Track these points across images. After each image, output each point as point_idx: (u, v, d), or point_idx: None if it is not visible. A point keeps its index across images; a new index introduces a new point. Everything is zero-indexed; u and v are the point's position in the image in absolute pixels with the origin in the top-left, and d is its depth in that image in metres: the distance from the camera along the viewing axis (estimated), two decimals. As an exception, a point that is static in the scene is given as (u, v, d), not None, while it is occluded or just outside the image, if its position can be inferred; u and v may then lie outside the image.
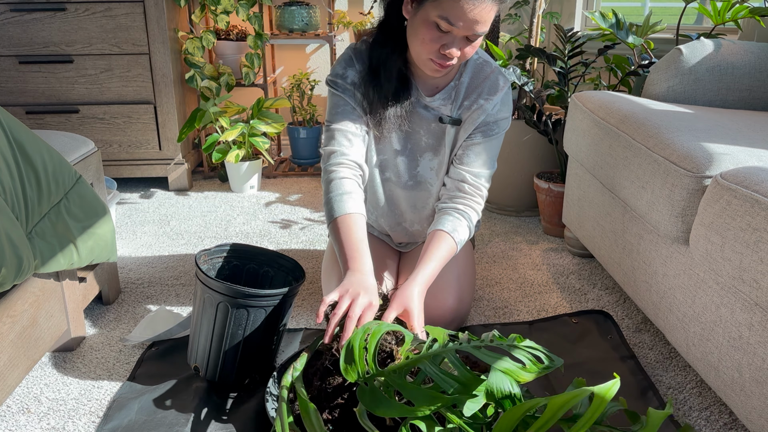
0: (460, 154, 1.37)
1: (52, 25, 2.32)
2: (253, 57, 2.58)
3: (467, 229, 1.32)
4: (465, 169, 1.36)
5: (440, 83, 1.35)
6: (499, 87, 1.34)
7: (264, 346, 1.24)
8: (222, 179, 2.71)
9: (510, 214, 2.30)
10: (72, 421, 1.19)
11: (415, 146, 1.40)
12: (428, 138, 1.38)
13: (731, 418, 1.19)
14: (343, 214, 1.24)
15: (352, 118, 1.33)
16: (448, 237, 1.28)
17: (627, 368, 1.33)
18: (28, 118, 2.41)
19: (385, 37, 1.29)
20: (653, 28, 2.05)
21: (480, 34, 1.17)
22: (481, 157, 1.36)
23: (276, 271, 1.37)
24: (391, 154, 1.41)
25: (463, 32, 1.16)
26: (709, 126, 1.39)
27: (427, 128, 1.37)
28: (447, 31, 1.16)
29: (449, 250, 1.28)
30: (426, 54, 1.20)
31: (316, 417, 0.93)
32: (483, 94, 1.33)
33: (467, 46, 1.19)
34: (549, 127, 2.03)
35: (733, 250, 1.02)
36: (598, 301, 1.65)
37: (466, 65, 1.35)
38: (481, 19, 1.14)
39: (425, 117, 1.36)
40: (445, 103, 1.35)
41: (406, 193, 1.45)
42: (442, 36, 1.17)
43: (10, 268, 1.03)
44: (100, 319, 1.56)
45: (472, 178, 1.35)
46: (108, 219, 1.40)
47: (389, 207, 1.49)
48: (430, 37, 1.17)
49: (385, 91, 1.30)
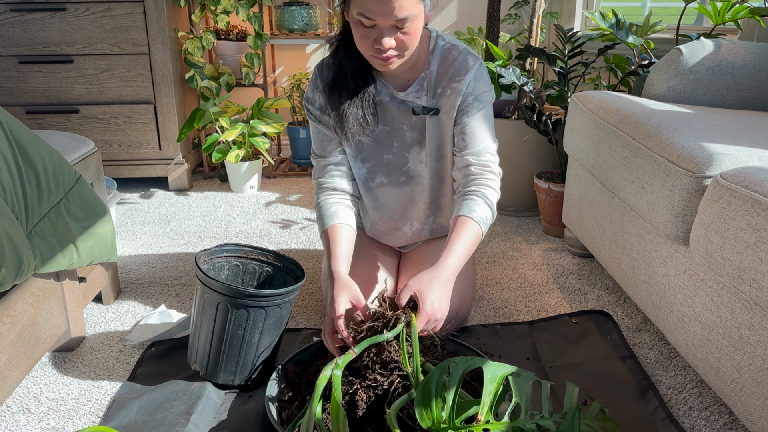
0: (457, 141, 1.37)
1: (52, 25, 2.32)
2: (253, 57, 2.58)
3: (485, 206, 1.29)
4: (465, 153, 1.35)
5: (410, 76, 1.35)
6: (468, 66, 1.32)
7: (264, 346, 1.24)
8: (222, 179, 2.71)
9: (510, 214, 2.30)
10: (72, 421, 1.19)
11: (401, 143, 1.41)
12: (412, 132, 1.39)
13: (731, 418, 1.19)
14: (326, 227, 1.33)
15: (330, 146, 1.40)
16: (465, 218, 1.26)
17: (627, 368, 1.33)
18: (28, 118, 2.41)
19: (346, 45, 1.30)
20: (653, 28, 2.05)
21: (404, 19, 1.15)
22: (476, 136, 1.34)
23: (276, 271, 1.37)
24: (378, 157, 1.42)
25: (385, 22, 1.15)
26: (709, 126, 1.39)
27: (409, 123, 1.38)
28: (371, 25, 1.17)
29: (470, 230, 1.25)
30: (366, 51, 1.22)
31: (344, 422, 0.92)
32: (454, 77, 1.32)
33: (398, 33, 1.18)
34: (549, 127, 2.03)
35: (733, 250, 1.02)
36: (598, 301, 1.65)
37: (433, 53, 1.34)
38: (395, 6, 1.13)
39: (404, 112, 1.37)
40: (420, 95, 1.35)
41: (400, 190, 1.46)
42: (370, 31, 1.18)
43: (10, 268, 1.03)
44: (100, 319, 1.56)
45: (475, 158, 1.34)
46: (108, 219, 1.40)
47: (383, 214, 1.50)
48: (360, 34, 1.19)
49: (346, 91, 1.31)
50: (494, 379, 0.95)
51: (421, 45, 1.32)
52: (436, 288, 1.15)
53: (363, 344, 1.04)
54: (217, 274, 1.33)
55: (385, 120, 1.39)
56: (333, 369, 0.99)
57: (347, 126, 1.34)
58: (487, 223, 1.29)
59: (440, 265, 1.20)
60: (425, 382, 0.92)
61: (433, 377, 0.93)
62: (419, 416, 0.90)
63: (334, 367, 1.00)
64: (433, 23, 2.98)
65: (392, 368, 1.04)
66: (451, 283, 1.19)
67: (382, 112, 1.38)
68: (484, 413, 0.93)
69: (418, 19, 1.17)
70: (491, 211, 1.30)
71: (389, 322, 1.09)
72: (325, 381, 0.99)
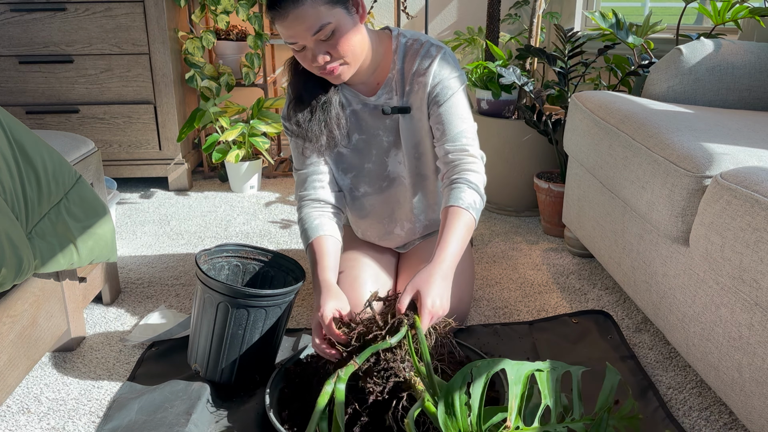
0: (434, 132, 1.35)
1: (52, 25, 2.32)
2: (253, 57, 2.58)
3: (471, 191, 1.26)
4: (442, 141, 1.33)
5: (378, 79, 1.34)
6: (432, 56, 1.31)
7: (264, 346, 1.24)
8: (222, 179, 2.71)
9: (510, 214, 2.30)
10: (72, 421, 1.19)
11: (379, 149, 1.40)
12: (388, 136, 1.39)
13: (731, 418, 1.19)
14: (311, 240, 1.32)
15: (310, 159, 1.39)
16: (454, 208, 1.23)
17: (627, 368, 1.33)
18: (28, 118, 2.41)
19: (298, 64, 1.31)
20: (653, 28, 2.05)
21: (322, 31, 1.15)
22: (450, 123, 1.31)
23: (276, 271, 1.37)
24: (359, 167, 1.42)
25: (304, 42, 1.17)
26: (709, 126, 1.39)
27: (384, 127, 1.38)
28: (300, 48, 1.19)
29: (460, 219, 1.22)
30: (313, 71, 1.24)
31: None
32: (419, 71, 1.31)
33: (326, 47, 1.18)
34: (549, 127, 2.03)
35: (733, 250, 1.02)
36: (598, 301, 1.65)
37: (397, 52, 1.33)
38: (305, 23, 1.13)
39: (378, 117, 1.36)
40: (390, 96, 1.34)
41: (384, 195, 1.46)
42: (305, 53, 1.20)
43: (10, 268, 1.03)
44: (100, 319, 1.56)
45: (451, 144, 1.31)
46: (108, 219, 1.40)
47: (372, 222, 1.50)
48: (299, 58, 1.22)
49: (308, 109, 1.31)
50: (518, 380, 0.91)
51: (382, 46, 1.32)
52: (435, 284, 1.12)
53: (365, 353, 0.99)
54: (218, 274, 1.33)
55: (360, 129, 1.39)
56: (336, 383, 0.94)
57: (318, 142, 1.33)
58: (477, 207, 1.26)
59: (436, 260, 1.16)
60: (447, 388, 0.88)
61: (455, 384, 0.88)
62: (443, 425, 0.85)
63: (337, 381, 0.94)
64: (433, 23, 2.98)
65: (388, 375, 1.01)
66: (450, 278, 1.17)
67: (356, 121, 1.38)
68: (513, 419, 0.87)
69: (341, 26, 1.16)
70: (478, 194, 1.27)
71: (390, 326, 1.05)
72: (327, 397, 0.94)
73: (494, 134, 2.19)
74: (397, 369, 1.00)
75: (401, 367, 1.00)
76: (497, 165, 2.23)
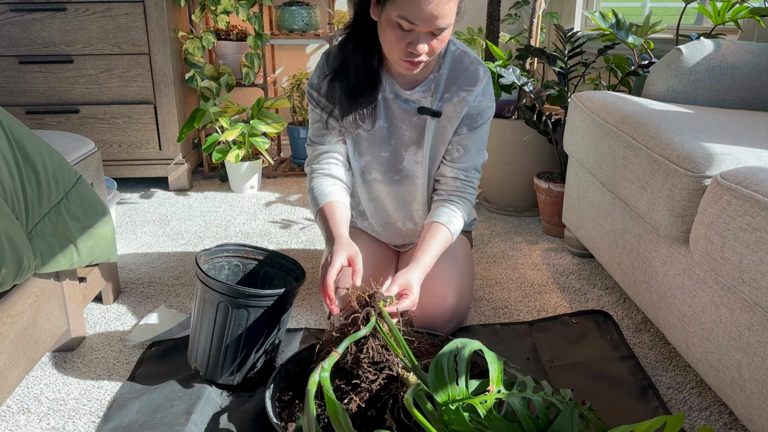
0: (450, 149, 1.40)
1: (52, 25, 2.32)
2: (253, 57, 2.58)
3: (461, 219, 1.38)
4: (457, 166, 1.40)
5: (419, 76, 1.35)
6: (479, 78, 1.34)
7: (264, 346, 1.24)
8: (222, 179, 2.71)
9: (510, 214, 2.30)
10: (72, 421, 1.19)
11: (399, 141, 1.41)
12: (411, 132, 1.39)
13: (731, 418, 1.19)
14: (322, 204, 1.33)
15: (330, 135, 1.40)
16: (444, 228, 1.33)
17: (627, 368, 1.33)
18: (28, 118, 2.41)
19: (356, 38, 1.30)
20: (653, 28, 2.05)
21: (444, 28, 1.17)
22: (469, 152, 1.40)
23: (276, 271, 1.37)
24: (374, 153, 1.42)
25: (424, 28, 1.16)
26: (709, 126, 1.39)
27: (409, 122, 1.38)
28: (409, 29, 1.17)
29: (445, 240, 1.33)
30: (395, 54, 1.22)
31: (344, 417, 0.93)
32: (464, 85, 1.34)
33: (433, 40, 1.19)
34: (549, 127, 2.03)
35: (733, 250, 1.02)
36: (598, 301, 1.65)
37: (444, 57, 1.35)
38: (439, 13, 1.14)
39: (406, 111, 1.37)
40: (425, 96, 1.35)
41: (393, 188, 1.46)
42: (406, 34, 1.18)
43: (10, 268, 1.03)
44: (100, 319, 1.56)
45: (464, 174, 1.40)
46: (108, 219, 1.40)
47: (377, 207, 1.51)
48: (395, 37, 1.18)
49: (351, 88, 1.31)
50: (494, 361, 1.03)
51: None
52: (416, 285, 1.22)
53: (344, 344, 1.06)
54: (218, 274, 1.33)
55: (386, 117, 1.39)
56: (320, 373, 1.01)
57: (342, 122, 1.35)
58: (457, 234, 1.38)
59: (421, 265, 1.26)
60: (437, 358, 0.97)
61: (444, 356, 0.97)
62: (434, 392, 0.94)
63: (321, 371, 1.01)
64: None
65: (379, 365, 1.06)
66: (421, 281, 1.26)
67: (384, 108, 1.38)
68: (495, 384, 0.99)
69: (451, 26, 1.20)
70: (464, 223, 1.39)
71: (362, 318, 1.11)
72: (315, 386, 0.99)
73: (494, 134, 2.19)
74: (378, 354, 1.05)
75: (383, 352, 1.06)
76: (497, 165, 2.23)
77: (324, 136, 1.40)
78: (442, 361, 0.97)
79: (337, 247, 1.21)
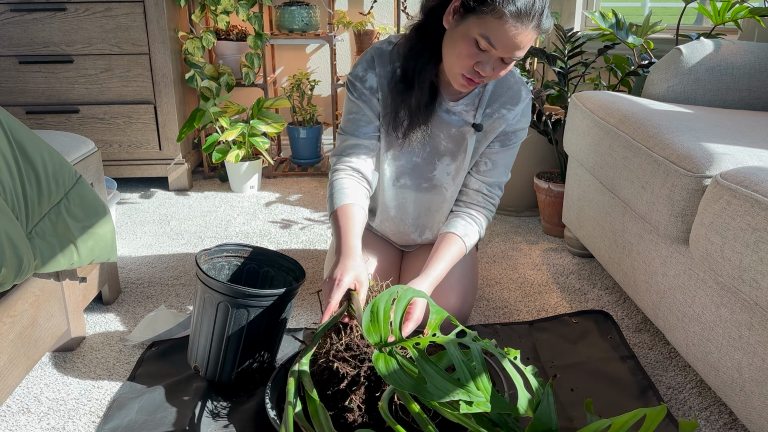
0: (478, 161, 1.39)
1: (52, 25, 2.32)
2: (253, 57, 2.58)
3: (477, 234, 1.38)
4: (482, 179, 1.40)
5: None
6: (521, 98, 1.35)
7: (264, 345, 1.24)
8: (222, 179, 2.71)
9: (510, 214, 2.30)
10: (72, 421, 1.19)
11: (434, 150, 1.39)
12: (447, 142, 1.37)
13: (731, 418, 1.19)
14: (339, 206, 1.28)
15: (366, 128, 1.35)
16: (459, 240, 1.33)
17: (627, 368, 1.33)
18: (28, 118, 2.41)
19: (423, 44, 1.25)
20: (653, 28, 2.05)
21: (517, 59, 1.16)
22: (497, 168, 1.40)
23: (276, 271, 1.37)
24: (408, 159, 1.40)
25: (501, 54, 1.14)
26: (709, 126, 1.39)
27: (448, 132, 1.36)
28: (485, 49, 1.14)
29: (459, 252, 1.32)
30: (459, 68, 1.18)
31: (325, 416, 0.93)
32: (506, 103, 1.34)
33: (501, 67, 1.18)
34: (549, 127, 2.03)
35: (733, 250, 1.02)
36: (598, 301, 1.65)
37: None
38: (522, 43, 1.13)
39: (446, 121, 1.35)
40: (468, 109, 1.34)
41: (420, 196, 1.44)
42: (479, 53, 1.14)
43: (10, 268, 1.03)
44: (100, 319, 1.56)
45: (488, 188, 1.41)
46: (108, 219, 1.40)
47: (398, 213, 1.48)
48: (467, 52, 1.14)
49: (414, 101, 1.28)
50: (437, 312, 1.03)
51: None
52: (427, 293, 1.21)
53: (317, 334, 1.07)
54: (218, 274, 1.33)
55: None
56: (299, 367, 1.02)
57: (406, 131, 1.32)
58: (471, 247, 1.38)
59: (430, 277, 1.25)
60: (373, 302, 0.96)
61: (381, 299, 0.97)
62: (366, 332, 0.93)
63: (300, 365, 1.02)
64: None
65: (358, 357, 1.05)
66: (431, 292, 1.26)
67: None
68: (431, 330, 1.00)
69: None
70: (479, 237, 1.39)
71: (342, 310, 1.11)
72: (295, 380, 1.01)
73: (494, 134, 2.19)
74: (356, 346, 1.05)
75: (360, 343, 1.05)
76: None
77: (360, 128, 1.35)
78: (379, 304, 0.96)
79: (348, 266, 1.14)
